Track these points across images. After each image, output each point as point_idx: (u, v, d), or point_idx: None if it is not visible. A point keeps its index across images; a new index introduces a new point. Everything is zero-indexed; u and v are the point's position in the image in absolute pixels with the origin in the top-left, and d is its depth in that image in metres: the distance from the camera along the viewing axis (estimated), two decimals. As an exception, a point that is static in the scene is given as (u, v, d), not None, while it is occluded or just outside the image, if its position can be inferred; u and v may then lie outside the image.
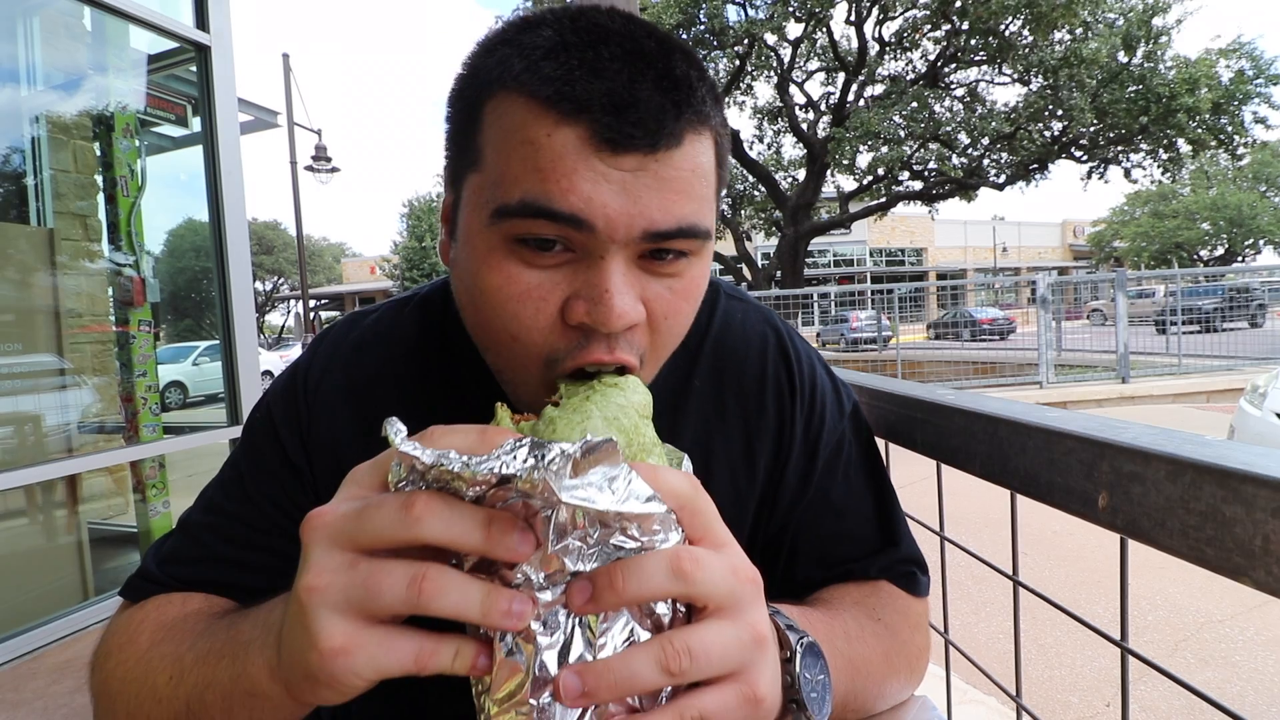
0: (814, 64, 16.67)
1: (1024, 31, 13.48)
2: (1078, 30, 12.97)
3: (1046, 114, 14.42)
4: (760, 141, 17.90)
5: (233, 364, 3.00)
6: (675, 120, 0.44)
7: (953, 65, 15.11)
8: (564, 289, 0.46)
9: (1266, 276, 13.57)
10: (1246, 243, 34.86)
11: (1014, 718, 0.72)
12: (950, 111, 15.60)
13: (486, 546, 0.33)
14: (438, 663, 0.34)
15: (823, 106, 16.69)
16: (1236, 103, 13.56)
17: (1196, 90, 12.98)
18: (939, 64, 15.00)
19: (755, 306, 0.72)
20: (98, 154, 2.93)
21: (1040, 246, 43.81)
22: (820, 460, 0.66)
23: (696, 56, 0.49)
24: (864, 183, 16.55)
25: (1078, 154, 15.42)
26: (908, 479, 0.84)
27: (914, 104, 13.93)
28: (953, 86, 15.66)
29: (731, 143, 0.55)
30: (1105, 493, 0.50)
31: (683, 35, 13.49)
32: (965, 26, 13.67)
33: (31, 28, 2.81)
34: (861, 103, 15.23)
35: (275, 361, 16.77)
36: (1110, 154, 15.26)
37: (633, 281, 0.47)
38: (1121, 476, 0.48)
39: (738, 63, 14.66)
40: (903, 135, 14.32)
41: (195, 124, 3.13)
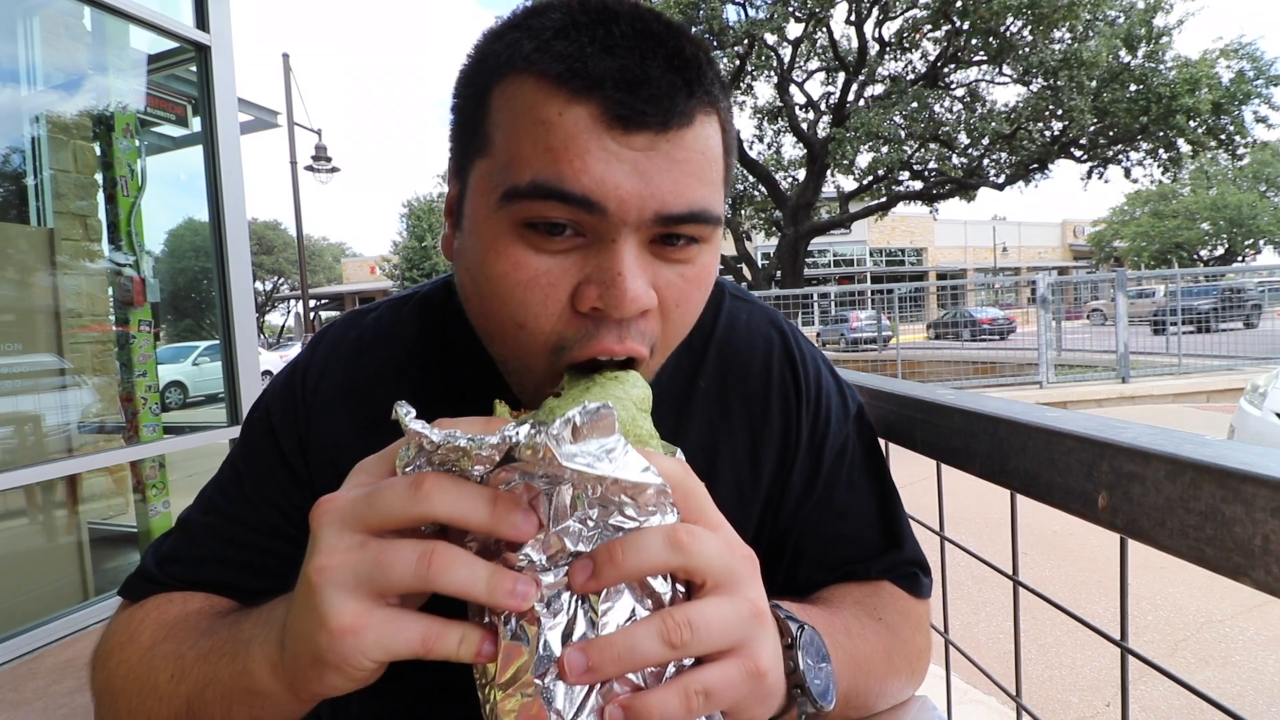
0: (814, 64, 16.66)
1: (1024, 31, 13.47)
2: (1079, 29, 12.96)
3: (1047, 114, 14.41)
4: (760, 141, 17.90)
5: (233, 364, 3.00)
6: (687, 99, 0.44)
7: (953, 65, 15.11)
8: (574, 275, 0.45)
9: (1266, 276, 13.58)
10: (1247, 243, 34.87)
11: (1014, 718, 0.71)
12: (950, 111, 15.60)
13: (492, 523, 0.34)
14: (444, 646, 0.35)
15: (823, 106, 16.68)
16: (1237, 103, 13.54)
17: (1197, 90, 12.96)
18: (939, 64, 14.99)
19: (760, 307, 0.72)
20: (98, 154, 2.93)
21: (1040, 246, 43.80)
22: (825, 463, 0.66)
23: (704, 42, 0.49)
24: (864, 183, 16.55)
25: (1078, 154, 15.41)
26: (908, 479, 0.84)
27: (914, 104, 13.92)
28: (953, 86, 15.65)
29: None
30: (1105, 493, 0.50)
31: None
32: (966, 26, 13.66)
33: (31, 28, 2.81)
34: (861, 103, 15.22)
35: (275, 361, 16.75)
36: (1110, 154, 15.25)
37: (645, 266, 0.46)
38: (1121, 476, 0.48)
39: (738, 63, 14.64)
40: (903, 135, 14.32)
41: (195, 124, 3.13)
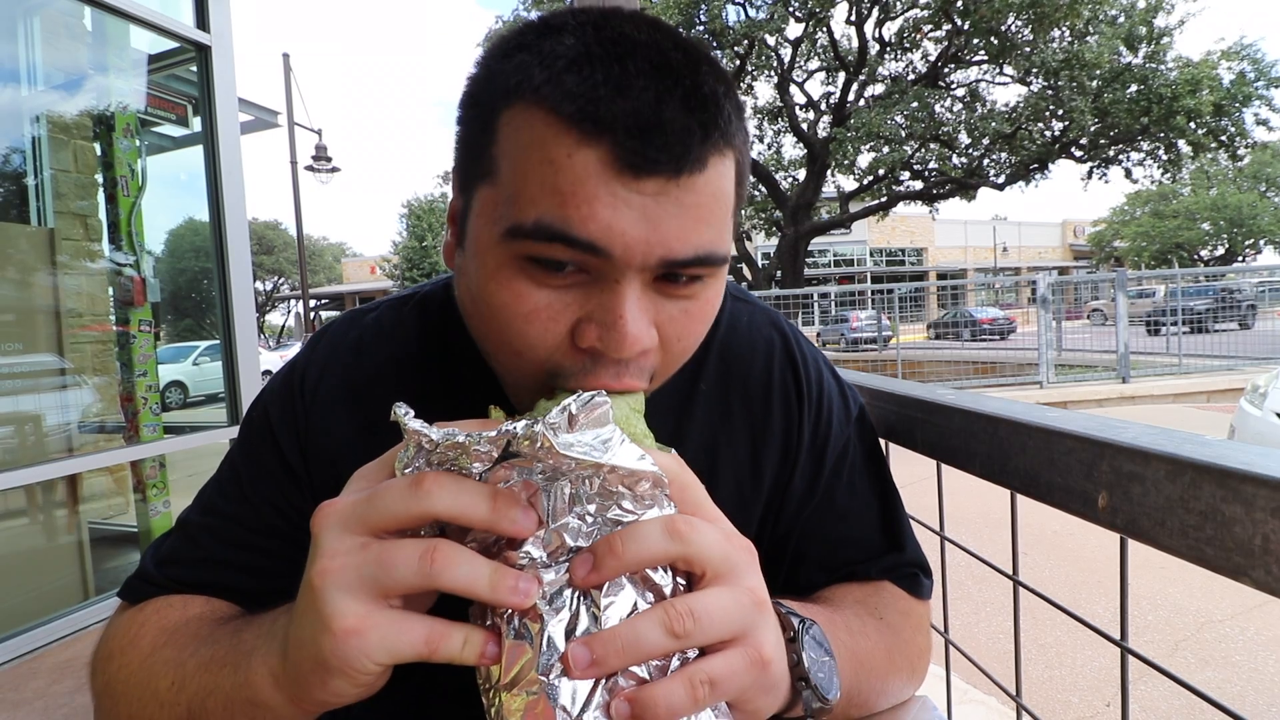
0: (814, 64, 16.67)
1: (1025, 31, 13.47)
2: (1079, 27, 12.95)
3: (1047, 114, 14.41)
4: (760, 141, 17.88)
5: (233, 364, 3.00)
6: (701, 144, 0.43)
7: (953, 65, 15.11)
8: (574, 310, 0.45)
9: (1266, 276, 13.58)
10: (1247, 243, 34.86)
11: (1014, 718, 0.72)
12: (951, 111, 15.59)
13: (492, 519, 0.34)
14: (448, 647, 0.35)
15: (823, 106, 16.68)
16: (1238, 105, 13.53)
17: (1198, 92, 12.95)
18: (940, 64, 15.00)
19: (761, 308, 0.71)
20: (98, 154, 2.93)
21: (1040, 246, 43.78)
22: (827, 466, 0.66)
23: (722, 68, 0.47)
24: (864, 183, 16.55)
25: (1078, 154, 15.41)
26: (908, 479, 0.84)
27: (915, 104, 13.92)
28: (953, 86, 15.65)
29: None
30: (1105, 492, 0.50)
31: (683, 35, 13.45)
32: (966, 26, 13.66)
33: (32, 28, 2.81)
34: (862, 103, 15.23)
35: (276, 361, 16.75)
36: (1111, 154, 15.25)
37: (646, 306, 0.45)
38: (1121, 476, 0.48)
39: (738, 63, 14.64)
40: (904, 135, 14.31)
41: (195, 124, 3.13)
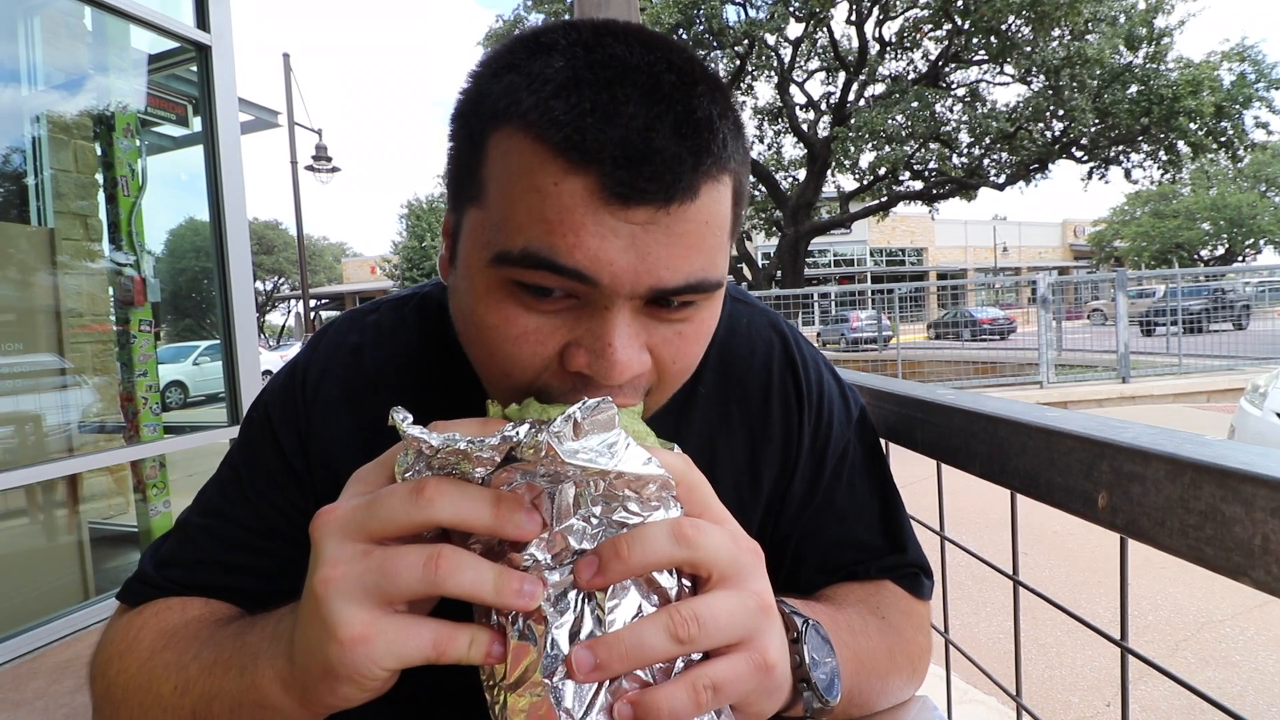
0: (814, 64, 16.67)
1: (1026, 30, 13.46)
2: (1079, 25, 12.94)
3: (1048, 114, 14.41)
4: (760, 141, 17.88)
5: (233, 364, 3.00)
6: (693, 172, 0.41)
7: (954, 64, 15.11)
8: (564, 334, 0.44)
9: (1266, 276, 13.58)
10: (1247, 243, 34.86)
11: (1014, 718, 0.72)
12: (951, 111, 15.59)
13: (496, 524, 0.34)
14: (455, 649, 0.35)
15: (823, 106, 16.68)
16: (1238, 106, 13.51)
17: (1199, 93, 12.93)
18: (940, 63, 15.00)
19: (760, 310, 0.71)
20: (98, 153, 2.93)
21: (1040, 246, 43.77)
22: (827, 468, 0.66)
23: (721, 85, 0.45)
24: (865, 182, 16.55)
25: (1078, 154, 15.41)
26: (908, 479, 0.84)
27: (915, 103, 13.92)
28: (954, 86, 15.65)
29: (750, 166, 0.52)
30: (1105, 492, 0.50)
31: (682, 35, 13.48)
32: (967, 25, 13.66)
33: (32, 27, 2.81)
34: (862, 102, 15.23)
35: (276, 361, 16.75)
36: (1111, 154, 15.24)
37: (637, 331, 0.44)
38: (1121, 476, 0.48)
39: (738, 63, 14.65)
40: (904, 135, 14.31)
41: (196, 124, 3.13)
